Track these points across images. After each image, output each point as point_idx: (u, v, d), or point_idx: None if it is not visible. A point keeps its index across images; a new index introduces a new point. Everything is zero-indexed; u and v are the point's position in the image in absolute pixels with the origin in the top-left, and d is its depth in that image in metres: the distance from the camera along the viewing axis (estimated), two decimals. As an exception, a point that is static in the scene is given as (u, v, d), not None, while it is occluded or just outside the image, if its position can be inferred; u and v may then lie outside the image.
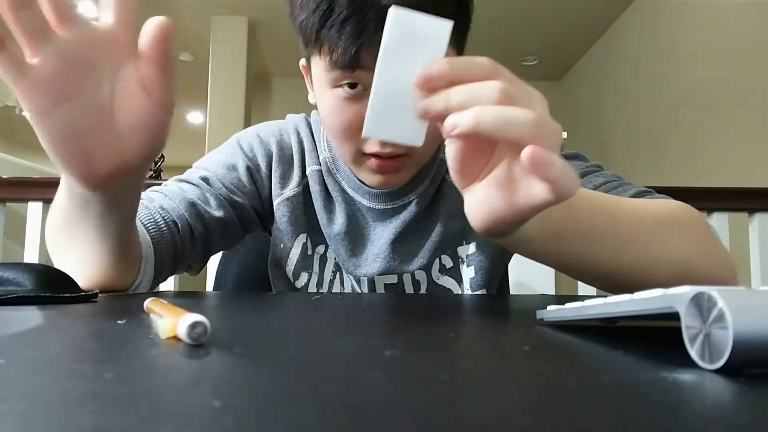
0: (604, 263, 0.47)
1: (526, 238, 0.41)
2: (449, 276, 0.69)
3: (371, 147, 0.57)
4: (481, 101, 0.32)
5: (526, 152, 0.30)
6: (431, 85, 0.33)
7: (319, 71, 0.57)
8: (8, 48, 0.31)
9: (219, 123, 4.05)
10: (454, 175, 0.38)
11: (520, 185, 0.34)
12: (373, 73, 0.36)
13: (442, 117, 0.33)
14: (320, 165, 0.69)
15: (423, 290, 0.69)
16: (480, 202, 0.37)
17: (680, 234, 0.50)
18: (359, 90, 0.54)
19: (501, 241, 0.42)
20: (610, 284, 0.49)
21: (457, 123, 0.32)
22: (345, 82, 0.54)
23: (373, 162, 0.58)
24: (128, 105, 0.36)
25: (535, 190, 0.33)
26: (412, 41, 0.33)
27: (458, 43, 0.58)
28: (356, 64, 0.52)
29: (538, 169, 0.31)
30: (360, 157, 0.59)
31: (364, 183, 0.66)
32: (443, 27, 0.34)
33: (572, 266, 0.48)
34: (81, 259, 0.49)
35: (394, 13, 0.33)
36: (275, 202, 0.69)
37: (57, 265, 0.53)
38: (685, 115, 3.09)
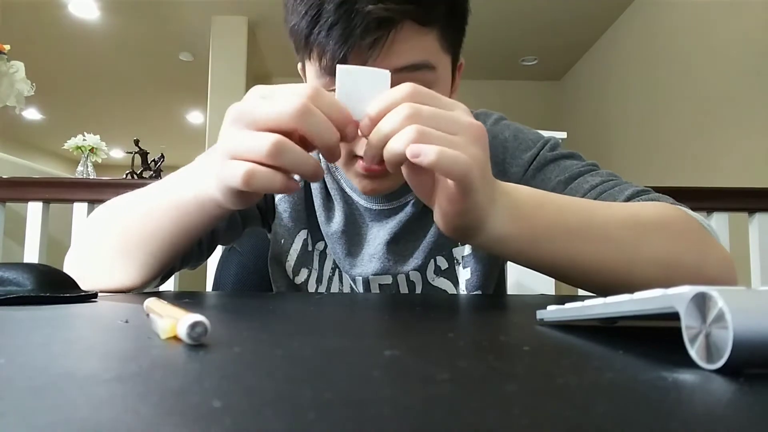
0: (584, 262, 0.47)
1: (499, 237, 0.44)
2: (444, 277, 0.69)
3: (362, 149, 0.57)
4: (399, 144, 0.38)
5: (407, 151, 0.37)
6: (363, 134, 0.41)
7: (311, 76, 0.57)
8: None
9: (219, 123, 3.99)
10: (418, 195, 0.44)
11: (440, 184, 0.42)
12: None
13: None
14: (320, 162, 0.69)
15: (418, 291, 0.68)
16: (438, 209, 0.43)
17: (664, 233, 0.50)
18: None
19: (476, 244, 0.45)
20: (595, 284, 0.49)
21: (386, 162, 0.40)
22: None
23: (361, 165, 0.57)
24: None
25: (442, 181, 0.41)
26: (360, 88, 0.41)
27: (451, 51, 0.57)
28: None
29: (416, 159, 0.37)
30: (350, 159, 0.58)
31: None
32: (383, 74, 0.42)
33: (553, 266, 0.48)
34: (146, 264, 0.54)
35: (340, 69, 0.41)
36: (277, 198, 0.69)
37: (83, 255, 0.58)
38: (684, 114, 3.09)
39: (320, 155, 0.69)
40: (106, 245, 0.56)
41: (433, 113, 0.39)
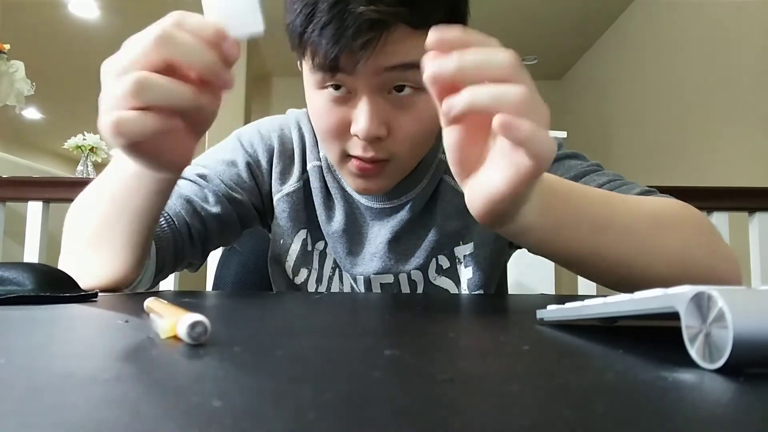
0: (605, 255, 0.47)
1: (527, 226, 0.43)
2: (446, 277, 0.69)
3: (355, 149, 0.56)
4: (508, 101, 0.34)
5: (497, 119, 0.33)
6: (443, 49, 0.35)
7: (306, 73, 0.57)
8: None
9: (219, 123, 3.97)
10: (454, 167, 0.40)
11: (508, 161, 0.36)
12: (355, 77, 0.51)
13: (447, 87, 0.36)
14: (320, 161, 0.69)
15: (419, 290, 0.68)
16: (479, 187, 0.39)
17: (680, 230, 0.51)
18: (343, 92, 0.54)
19: (502, 231, 0.43)
20: (612, 278, 0.50)
21: (452, 105, 0.35)
22: (328, 83, 0.54)
23: (354, 164, 0.57)
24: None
25: (519, 159, 0.35)
26: (229, 4, 0.38)
27: None
28: (336, 68, 0.52)
29: (509, 132, 0.33)
30: (344, 158, 0.58)
31: None
32: None
33: (574, 258, 0.48)
34: (116, 250, 0.53)
35: None
36: (275, 198, 0.69)
37: (67, 258, 0.56)
38: (685, 114, 3.09)
39: (326, 158, 0.70)
40: (79, 243, 0.55)
41: (532, 88, 0.35)
